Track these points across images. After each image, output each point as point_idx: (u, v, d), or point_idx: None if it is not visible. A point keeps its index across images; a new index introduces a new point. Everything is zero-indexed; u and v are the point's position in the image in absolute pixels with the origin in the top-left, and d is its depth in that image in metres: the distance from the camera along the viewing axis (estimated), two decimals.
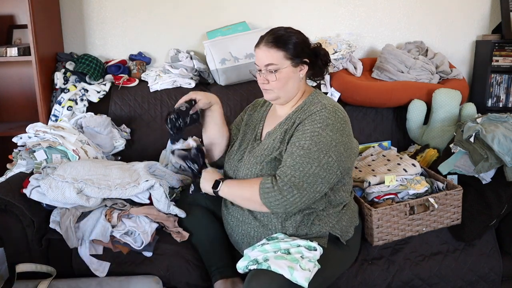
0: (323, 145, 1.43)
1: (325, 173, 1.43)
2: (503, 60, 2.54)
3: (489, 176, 1.85)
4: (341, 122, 1.48)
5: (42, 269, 1.65)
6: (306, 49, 1.55)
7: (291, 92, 1.57)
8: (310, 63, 1.56)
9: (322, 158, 1.42)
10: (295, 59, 1.52)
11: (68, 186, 1.63)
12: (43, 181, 1.65)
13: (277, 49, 1.51)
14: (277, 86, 1.54)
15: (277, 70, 1.51)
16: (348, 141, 1.49)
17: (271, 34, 1.53)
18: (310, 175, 1.42)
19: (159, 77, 2.44)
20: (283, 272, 1.33)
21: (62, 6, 2.57)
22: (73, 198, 1.63)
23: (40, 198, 1.65)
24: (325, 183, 1.44)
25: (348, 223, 1.60)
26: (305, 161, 1.42)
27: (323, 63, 1.59)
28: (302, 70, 1.55)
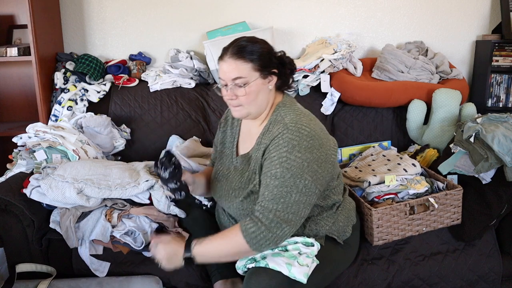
0: (295, 169, 1.34)
1: (306, 197, 1.36)
2: (503, 60, 2.54)
3: (489, 176, 1.85)
4: (307, 138, 1.37)
5: (42, 269, 1.65)
6: (274, 59, 1.46)
7: (262, 106, 1.48)
8: (278, 73, 1.47)
9: (299, 183, 1.34)
10: (263, 70, 1.43)
11: (68, 186, 1.63)
12: (43, 181, 1.65)
13: (244, 60, 1.41)
14: (247, 101, 1.44)
15: (246, 84, 1.41)
16: (319, 155, 1.39)
17: (236, 45, 1.43)
18: (292, 204, 1.34)
19: (159, 77, 2.44)
20: (281, 269, 1.34)
21: (62, 6, 2.56)
22: (73, 198, 1.63)
23: (40, 198, 1.65)
24: (307, 206, 1.37)
25: (345, 223, 1.58)
26: (283, 191, 1.34)
27: (289, 72, 1.51)
28: (271, 81, 1.46)
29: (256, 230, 1.32)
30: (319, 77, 2.37)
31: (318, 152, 1.38)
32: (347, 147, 2.35)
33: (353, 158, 2.26)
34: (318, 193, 1.40)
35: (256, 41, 1.46)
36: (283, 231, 1.33)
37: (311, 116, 1.49)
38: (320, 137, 1.41)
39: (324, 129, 1.48)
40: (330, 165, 1.44)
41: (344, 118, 2.40)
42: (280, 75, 1.48)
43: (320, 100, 2.38)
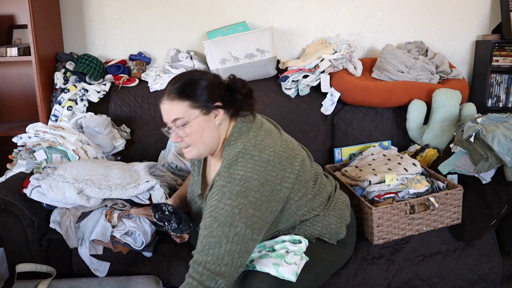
0: (223, 218, 1.25)
1: (239, 246, 1.24)
2: (503, 60, 2.54)
3: (489, 176, 1.85)
4: (240, 183, 1.28)
5: (42, 269, 1.65)
6: (216, 90, 1.36)
7: (212, 143, 1.39)
8: (226, 104, 1.37)
9: (228, 232, 1.24)
10: (204, 106, 1.34)
11: (68, 186, 1.63)
12: (43, 181, 1.65)
13: (180, 100, 1.33)
14: (192, 141, 1.37)
15: (187, 124, 1.34)
16: (258, 197, 1.28)
17: (172, 84, 1.36)
18: (224, 255, 1.23)
19: (159, 77, 2.44)
20: (268, 270, 1.33)
21: (62, 6, 2.56)
22: (74, 198, 1.63)
23: (41, 198, 1.65)
24: (244, 254, 1.26)
25: (337, 225, 1.54)
26: (212, 242, 1.24)
27: (243, 95, 1.39)
28: (217, 115, 1.36)
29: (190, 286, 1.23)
30: (319, 77, 2.37)
31: (257, 193, 1.28)
32: (347, 147, 2.35)
33: (354, 157, 2.26)
34: (256, 237, 1.29)
35: (194, 75, 1.38)
36: (217, 284, 1.22)
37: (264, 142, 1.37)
38: (263, 176, 1.30)
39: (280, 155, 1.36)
40: (276, 203, 1.33)
41: (344, 118, 2.40)
42: (230, 104, 1.38)
43: (320, 100, 2.38)
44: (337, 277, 1.68)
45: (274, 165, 1.33)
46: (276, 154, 1.35)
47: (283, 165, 1.35)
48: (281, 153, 1.36)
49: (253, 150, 1.34)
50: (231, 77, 1.43)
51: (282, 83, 2.38)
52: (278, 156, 1.35)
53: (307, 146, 2.31)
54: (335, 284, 1.67)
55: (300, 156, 1.43)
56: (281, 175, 1.34)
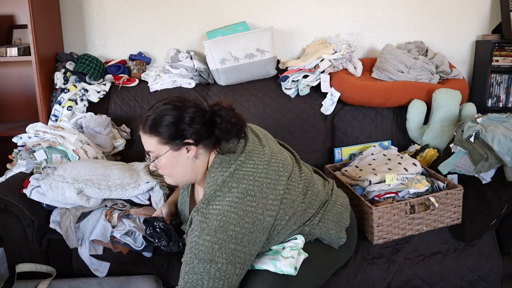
0: (203, 254, 1.23)
1: (222, 282, 1.23)
2: (503, 60, 2.54)
3: (489, 176, 1.85)
4: (217, 217, 1.25)
5: (42, 269, 1.65)
6: (187, 127, 1.29)
7: (187, 176, 1.37)
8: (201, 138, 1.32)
9: (210, 268, 1.22)
10: (173, 143, 1.30)
11: (68, 187, 1.63)
12: (43, 181, 1.65)
13: (149, 135, 1.31)
14: (165, 173, 1.38)
15: (157, 157, 1.33)
16: (238, 230, 1.25)
17: (147, 116, 1.33)
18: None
19: (159, 77, 2.44)
20: (267, 266, 1.33)
21: (62, 6, 2.56)
22: (73, 198, 1.63)
23: (40, 198, 1.65)
24: (229, 286, 1.24)
25: (336, 230, 1.50)
26: (193, 279, 1.23)
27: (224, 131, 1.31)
28: (190, 151, 1.32)
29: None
30: (319, 77, 2.37)
31: (236, 227, 1.25)
32: (347, 147, 2.35)
33: (354, 157, 2.26)
34: (240, 270, 1.26)
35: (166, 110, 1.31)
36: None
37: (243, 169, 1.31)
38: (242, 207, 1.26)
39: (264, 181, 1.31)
40: (260, 234, 1.29)
41: (344, 118, 2.40)
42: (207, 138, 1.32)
43: (320, 100, 2.38)
44: (337, 277, 1.68)
45: (254, 194, 1.29)
46: (256, 182, 1.30)
47: (265, 193, 1.30)
48: (262, 180, 1.31)
49: (231, 181, 1.30)
50: (212, 109, 1.34)
51: (282, 83, 2.38)
52: (259, 184, 1.30)
53: (307, 146, 2.33)
54: (335, 284, 1.67)
55: (285, 176, 1.37)
56: (262, 203, 1.29)
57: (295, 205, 1.38)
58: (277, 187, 1.33)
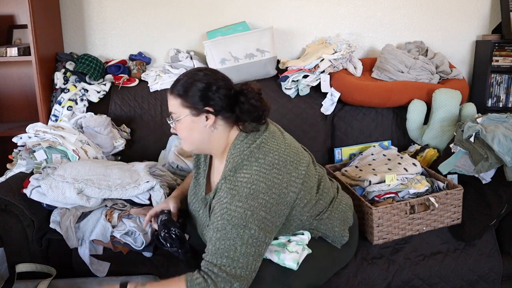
0: (237, 220, 1.24)
1: (254, 248, 1.24)
2: (503, 60, 2.54)
3: (489, 176, 1.85)
4: (247, 185, 1.28)
5: (42, 269, 1.65)
6: (212, 95, 1.33)
7: (203, 145, 1.39)
8: (221, 110, 1.34)
9: (243, 234, 1.24)
10: (194, 108, 1.33)
11: (68, 187, 1.63)
12: (43, 181, 1.65)
13: (174, 96, 1.36)
14: (182, 136, 1.40)
15: (178, 120, 1.36)
16: (267, 199, 1.28)
17: (178, 78, 1.39)
18: (239, 257, 1.23)
19: (159, 77, 2.44)
20: (270, 256, 1.34)
21: (62, 6, 2.57)
22: (73, 198, 1.63)
23: (40, 198, 1.65)
24: (257, 257, 1.26)
25: (341, 227, 1.52)
26: (227, 245, 1.24)
27: (244, 111, 1.34)
28: (208, 120, 1.34)
29: (202, 284, 1.21)
30: (319, 77, 2.37)
31: (266, 196, 1.28)
32: (347, 147, 2.35)
33: (354, 157, 2.26)
34: (268, 240, 1.29)
35: (195, 76, 1.35)
36: (233, 287, 1.21)
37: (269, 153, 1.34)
38: (269, 179, 1.29)
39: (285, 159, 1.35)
40: (284, 207, 1.32)
41: (344, 118, 2.40)
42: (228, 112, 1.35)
43: (320, 100, 2.38)
44: (337, 277, 1.68)
45: (279, 168, 1.32)
46: (280, 158, 1.34)
47: (288, 169, 1.34)
48: (286, 157, 1.35)
49: (258, 152, 1.33)
50: (240, 88, 1.37)
51: (282, 83, 2.38)
52: (283, 160, 1.34)
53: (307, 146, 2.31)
54: (335, 284, 1.67)
55: (305, 161, 1.41)
56: (287, 178, 1.33)
57: (312, 192, 1.42)
58: (299, 167, 1.37)
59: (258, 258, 1.26)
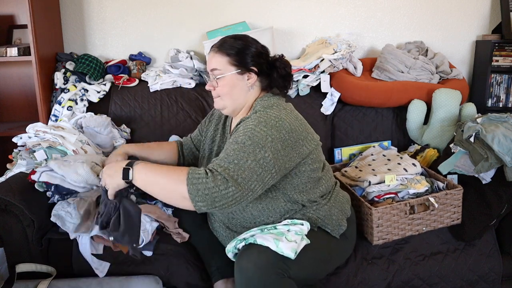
0: (257, 139, 1.33)
1: (261, 170, 1.31)
2: (503, 60, 2.54)
3: (489, 176, 1.85)
4: (275, 119, 1.39)
5: (42, 269, 1.65)
6: (256, 58, 1.49)
7: (238, 101, 1.52)
8: (261, 72, 1.50)
9: (258, 152, 1.31)
10: (240, 66, 1.47)
11: (81, 165, 1.64)
12: (53, 161, 1.65)
13: (221, 54, 1.48)
14: (221, 92, 1.50)
15: (222, 76, 1.48)
16: (287, 137, 1.37)
17: (221, 40, 1.52)
18: (245, 169, 1.29)
19: (159, 77, 2.44)
20: (268, 244, 1.34)
21: (62, 6, 2.57)
22: (86, 174, 1.63)
23: (51, 179, 1.64)
24: (259, 181, 1.31)
25: (338, 216, 1.57)
26: (239, 155, 1.31)
27: (280, 75, 1.51)
28: (250, 79, 1.49)
29: (202, 174, 1.27)
30: (319, 77, 2.37)
31: (286, 134, 1.38)
32: (347, 147, 2.35)
33: (353, 158, 2.26)
34: (274, 174, 1.35)
35: (240, 38, 1.52)
36: (227, 190, 1.25)
37: (292, 114, 1.48)
38: (293, 124, 1.41)
39: (304, 125, 1.47)
40: (296, 155, 1.41)
41: (344, 118, 2.40)
42: (266, 75, 1.51)
43: (320, 100, 2.38)
44: (337, 276, 1.68)
45: (300, 123, 1.45)
46: (299, 117, 1.49)
47: (307, 128, 1.48)
48: (303, 121, 1.50)
49: (285, 105, 1.50)
50: (278, 56, 1.54)
51: None
52: (302, 121, 1.48)
53: None
54: (335, 284, 1.68)
55: (317, 136, 1.53)
56: (305, 134, 1.45)
57: (319, 166, 1.53)
58: (314, 136, 1.51)
59: (259, 182, 1.32)
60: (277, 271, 1.33)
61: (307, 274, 1.46)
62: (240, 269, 1.34)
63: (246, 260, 1.34)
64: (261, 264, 1.32)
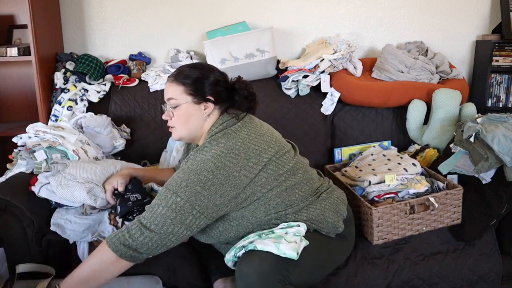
0: (171, 186, 1.38)
1: (175, 214, 1.34)
2: (503, 60, 2.54)
3: (489, 176, 1.85)
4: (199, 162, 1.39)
5: (42, 269, 1.65)
6: (214, 87, 1.49)
7: (195, 131, 1.52)
8: (219, 100, 1.50)
9: (169, 198, 1.36)
10: (196, 95, 1.48)
11: (79, 186, 1.63)
12: (53, 178, 1.64)
13: (177, 83, 1.49)
14: (177, 123, 1.51)
15: (177, 106, 1.49)
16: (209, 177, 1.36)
17: (178, 69, 1.53)
18: (157, 216, 1.35)
19: (159, 77, 2.44)
20: (269, 248, 1.34)
21: (62, 6, 2.56)
22: (82, 197, 1.62)
23: (50, 196, 1.64)
24: (177, 223, 1.35)
25: (334, 219, 1.54)
26: (155, 202, 1.38)
27: (243, 96, 1.50)
28: (207, 108, 1.49)
29: (118, 233, 1.36)
30: (319, 77, 2.37)
31: (208, 174, 1.36)
32: (347, 147, 2.35)
33: (353, 158, 2.26)
34: (198, 215, 1.36)
35: (197, 67, 1.52)
36: (142, 236, 1.33)
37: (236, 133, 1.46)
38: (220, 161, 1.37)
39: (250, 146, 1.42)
40: (230, 188, 1.38)
41: (344, 118, 2.40)
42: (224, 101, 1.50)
43: (320, 100, 2.38)
44: (337, 276, 1.68)
45: (237, 153, 1.40)
46: (243, 145, 1.42)
47: (248, 155, 1.41)
48: (250, 145, 1.43)
49: (222, 137, 1.45)
50: (235, 78, 1.54)
51: (282, 83, 2.38)
52: (245, 148, 1.42)
53: (307, 146, 2.33)
54: (335, 284, 1.68)
55: (274, 149, 1.47)
56: (242, 163, 1.40)
57: (280, 179, 1.47)
58: (262, 155, 1.44)
59: (178, 225, 1.35)
60: (279, 278, 1.33)
61: (308, 278, 1.46)
62: (241, 275, 1.34)
63: (248, 266, 1.33)
64: (263, 270, 1.31)
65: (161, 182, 1.76)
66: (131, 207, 1.60)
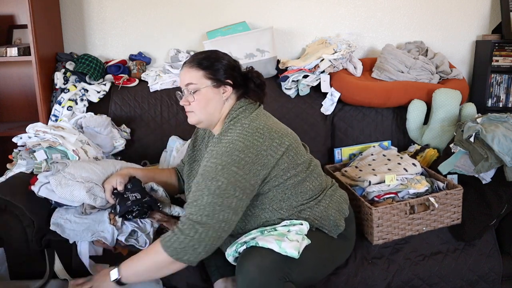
0: (208, 173, 1.37)
1: (221, 199, 1.34)
2: (503, 60, 2.54)
3: (489, 176, 1.85)
4: (226, 144, 1.41)
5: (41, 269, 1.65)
6: (230, 71, 1.52)
7: (214, 115, 1.53)
8: (236, 85, 1.52)
9: (210, 185, 1.35)
10: (215, 79, 1.49)
11: (78, 186, 1.63)
12: (53, 177, 1.64)
13: (196, 68, 1.50)
14: (197, 107, 1.51)
15: (197, 90, 1.49)
16: (242, 157, 1.37)
17: (194, 56, 1.54)
18: (205, 206, 1.34)
19: (159, 77, 2.44)
20: (271, 246, 1.34)
21: (62, 6, 2.56)
22: (82, 197, 1.62)
23: (49, 195, 1.64)
24: (226, 208, 1.35)
25: (336, 216, 1.55)
26: (196, 195, 1.37)
27: (256, 85, 1.54)
28: (226, 92, 1.51)
29: (171, 235, 1.35)
30: (319, 77, 2.37)
31: (240, 154, 1.38)
32: (347, 147, 2.35)
33: (353, 158, 2.26)
34: (241, 196, 1.37)
35: (215, 53, 1.55)
36: (197, 233, 1.32)
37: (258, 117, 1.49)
38: (248, 140, 1.40)
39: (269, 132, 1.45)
40: (260, 167, 1.40)
41: (344, 118, 2.40)
42: (240, 87, 1.53)
43: (320, 100, 2.38)
44: (337, 276, 1.68)
45: (262, 133, 1.43)
46: (266, 126, 1.46)
47: (272, 136, 1.44)
48: (272, 127, 1.47)
49: (245, 119, 1.48)
50: (248, 68, 1.58)
51: (282, 83, 2.38)
52: (268, 128, 1.45)
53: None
54: (335, 284, 1.68)
55: (292, 137, 1.51)
56: (268, 143, 1.42)
57: (298, 169, 1.49)
58: (284, 139, 1.46)
59: (226, 210, 1.35)
60: (280, 275, 1.33)
61: (308, 277, 1.46)
62: (242, 271, 1.34)
63: (249, 262, 1.34)
64: (264, 267, 1.32)
65: (160, 182, 1.77)
66: (130, 207, 1.60)
